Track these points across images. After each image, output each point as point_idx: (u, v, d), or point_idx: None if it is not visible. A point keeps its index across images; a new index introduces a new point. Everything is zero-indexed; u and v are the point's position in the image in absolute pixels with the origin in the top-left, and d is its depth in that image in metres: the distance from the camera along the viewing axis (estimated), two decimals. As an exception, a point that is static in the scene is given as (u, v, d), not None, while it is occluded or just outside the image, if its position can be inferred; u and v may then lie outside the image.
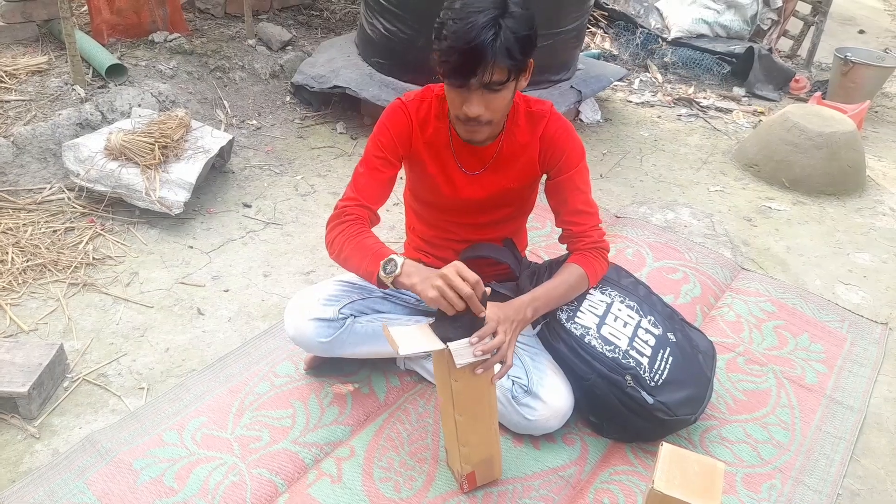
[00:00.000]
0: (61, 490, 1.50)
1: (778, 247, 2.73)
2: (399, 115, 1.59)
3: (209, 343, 2.00)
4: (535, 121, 1.59)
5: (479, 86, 1.37)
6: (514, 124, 1.59)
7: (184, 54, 3.44)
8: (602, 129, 3.70)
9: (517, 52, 1.33)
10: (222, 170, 2.86)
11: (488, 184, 1.63)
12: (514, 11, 1.33)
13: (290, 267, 2.36)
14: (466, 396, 1.40)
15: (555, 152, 1.60)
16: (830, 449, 1.77)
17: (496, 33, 1.30)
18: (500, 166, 1.62)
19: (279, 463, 1.58)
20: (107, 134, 2.55)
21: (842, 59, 4.15)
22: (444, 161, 1.62)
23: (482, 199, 1.65)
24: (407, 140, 1.59)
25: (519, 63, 1.36)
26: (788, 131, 3.20)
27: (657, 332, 1.71)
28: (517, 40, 1.32)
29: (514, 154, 1.61)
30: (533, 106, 1.60)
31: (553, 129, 1.59)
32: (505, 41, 1.30)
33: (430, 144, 1.60)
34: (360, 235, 1.50)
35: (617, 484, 1.61)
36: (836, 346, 2.14)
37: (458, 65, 1.34)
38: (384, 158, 1.59)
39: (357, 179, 1.60)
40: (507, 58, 1.32)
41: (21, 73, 2.98)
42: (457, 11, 1.33)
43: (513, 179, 1.63)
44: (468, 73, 1.34)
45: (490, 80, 1.36)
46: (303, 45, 3.90)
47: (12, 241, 2.29)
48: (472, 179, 1.63)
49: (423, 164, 1.63)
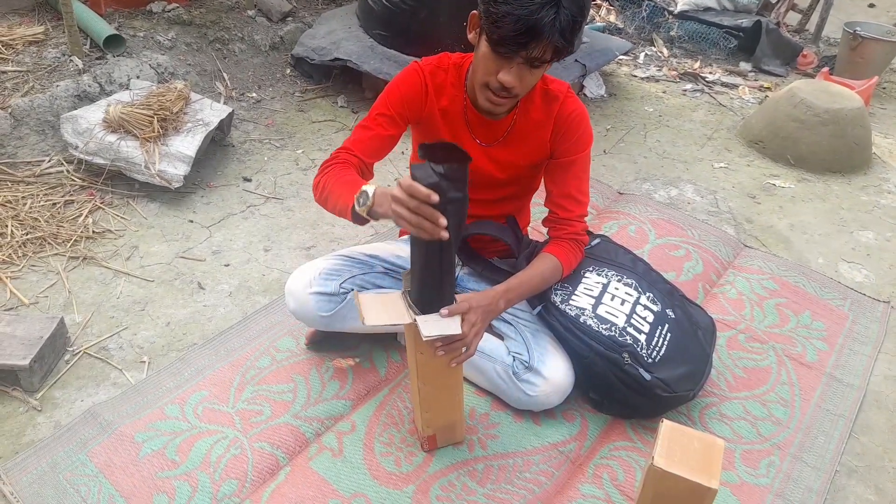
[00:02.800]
0: (64, 462, 1.51)
1: (781, 224, 2.71)
2: (415, 78, 1.56)
3: (210, 317, 2.00)
4: (551, 100, 1.57)
5: (524, 60, 1.35)
6: (528, 101, 1.57)
7: (182, 25, 3.38)
8: (606, 103, 3.66)
9: (570, 34, 1.31)
10: (222, 143, 2.83)
11: (499, 158, 1.62)
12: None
13: (290, 242, 2.36)
14: (431, 368, 1.41)
15: (566, 134, 1.58)
16: (830, 426, 1.77)
17: (557, 12, 1.27)
18: (512, 142, 1.60)
19: (280, 437, 1.59)
20: (105, 106, 2.52)
21: (851, 33, 4.08)
22: (458, 131, 1.60)
23: (492, 172, 1.64)
24: (419, 104, 1.57)
25: (569, 45, 1.33)
26: (795, 107, 3.16)
27: (656, 309, 1.70)
28: (573, 23, 1.30)
29: (527, 131, 1.59)
30: (550, 84, 1.58)
31: (569, 110, 1.57)
32: (563, 22, 1.28)
33: (446, 112, 1.58)
34: (341, 174, 1.44)
35: (616, 459, 1.62)
36: (837, 324, 2.14)
37: (513, 35, 1.30)
38: (390, 117, 1.56)
39: (356, 132, 1.57)
40: (561, 38, 1.30)
41: (18, 43, 2.94)
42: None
43: (523, 156, 1.62)
44: (520, 46, 1.31)
45: (537, 57, 1.33)
46: (303, 17, 3.84)
47: (11, 214, 2.28)
48: (484, 152, 1.61)
49: (438, 132, 1.60)
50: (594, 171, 2.82)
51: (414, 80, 1.56)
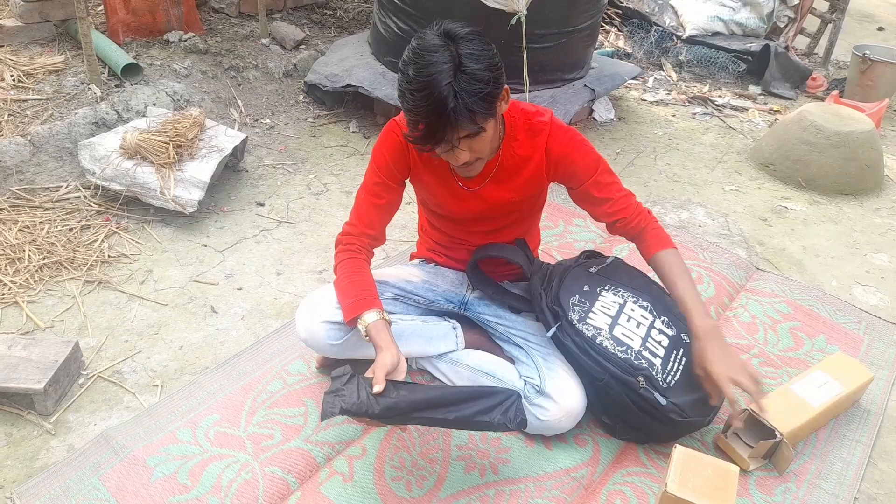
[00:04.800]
0: (76, 486, 1.51)
1: (794, 247, 2.70)
2: (392, 138, 1.59)
3: (222, 341, 2.01)
4: (535, 133, 1.57)
5: (449, 147, 1.37)
6: (512, 139, 1.57)
7: (198, 53, 3.46)
8: (615, 127, 3.68)
9: (479, 109, 1.30)
10: (236, 168, 2.87)
11: (490, 197, 1.63)
12: (468, 67, 1.28)
13: (302, 266, 2.37)
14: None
15: (566, 164, 1.59)
16: (847, 452, 1.74)
17: (454, 100, 1.27)
18: (502, 179, 1.61)
19: (291, 461, 1.59)
20: (122, 133, 2.57)
21: (860, 56, 4.10)
22: (444, 178, 1.63)
23: (486, 210, 1.66)
24: (404, 162, 1.61)
25: (486, 115, 1.33)
26: (805, 130, 3.17)
27: (671, 333, 1.69)
28: (476, 100, 1.29)
29: (516, 167, 1.60)
30: (532, 118, 1.57)
31: (556, 140, 1.57)
32: (463, 105, 1.28)
33: (429, 163, 1.61)
34: (351, 275, 1.58)
35: (629, 486, 1.60)
36: (852, 347, 2.11)
37: (423, 136, 1.34)
38: (383, 184, 1.61)
39: (359, 206, 1.65)
40: (470, 120, 1.31)
41: (38, 72, 3.01)
42: (411, 80, 1.30)
43: (515, 191, 1.63)
44: (437, 141, 1.35)
45: (461, 138, 1.35)
46: (316, 44, 3.91)
47: (29, 239, 2.32)
48: (473, 194, 1.63)
49: (426, 182, 1.65)
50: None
51: (392, 141, 1.59)
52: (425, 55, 1.28)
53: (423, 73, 1.27)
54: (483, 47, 1.31)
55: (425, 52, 1.29)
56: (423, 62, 1.28)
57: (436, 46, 1.28)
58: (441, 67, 1.27)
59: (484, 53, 1.30)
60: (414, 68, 1.29)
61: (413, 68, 1.29)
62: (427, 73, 1.27)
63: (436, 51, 1.28)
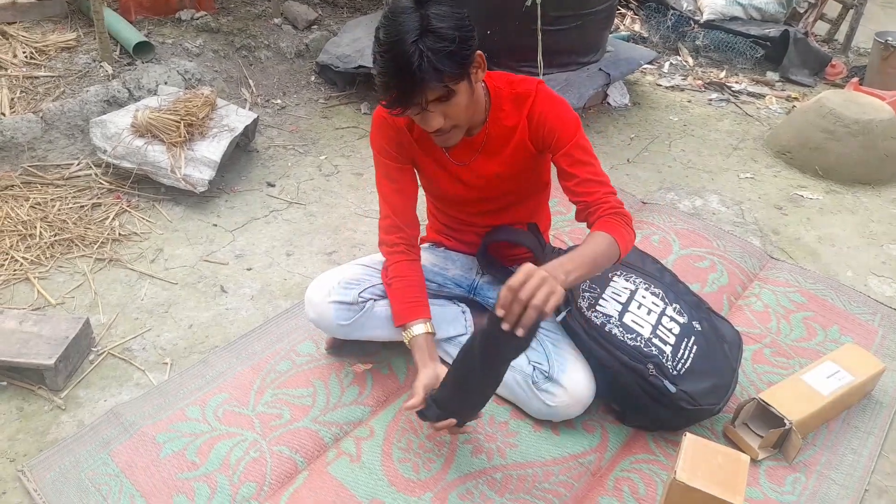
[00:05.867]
0: (86, 461, 1.53)
1: (809, 236, 2.66)
2: (382, 121, 1.59)
3: (232, 320, 2.01)
4: (521, 101, 1.54)
5: (420, 109, 1.36)
6: (498, 109, 1.55)
7: (210, 32, 3.44)
8: (630, 112, 3.63)
9: (446, 68, 1.29)
10: (247, 149, 2.86)
11: (482, 171, 1.61)
12: (435, 27, 1.27)
13: (312, 247, 2.37)
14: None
15: (544, 130, 1.53)
16: (858, 444, 1.73)
17: (419, 59, 1.26)
18: (490, 152, 1.59)
19: (299, 441, 1.59)
20: (133, 111, 2.56)
21: (882, 43, 4.01)
22: (436, 156, 1.62)
23: (481, 186, 1.63)
24: (399, 143, 1.60)
25: (454, 75, 1.32)
26: (823, 118, 3.11)
27: (682, 321, 1.68)
28: (443, 57, 1.28)
29: (504, 138, 1.57)
30: (517, 87, 1.54)
31: (540, 107, 1.53)
32: (428, 64, 1.27)
33: (420, 142, 1.60)
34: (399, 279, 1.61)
35: (637, 472, 1.59)
36: (866, 338, 2.09)
37: (394, 98, 1.34)
38: (391, 167, 1.61)
39: (382, 196, 1.64)
40: (437, 79, 1.30)
41: (50, 49, 3.00)
42: (381, 43, 1.30)
43: (505, 163, 1.60)
44: (406, 104, 1.34)
45: (430, 101, 1.34)
46: (328, 25, 3.87)
47: (40, 216, 2.32)
48: (465, 169, 1.62)
49: (420, 163, 1.64)
50: (617, 179, 2.80)
51: (381, 123, 1.59)
52: (395, 17, 1.29)
53: (391, 35, 1.28)
54: (452, 9, 1.32)
55: (395, 15, 1.30)
56: (392, 24, 1.29)
57: (405, 9, 1.29)
58: (408, 27, 1.27)
59: (452, 15, 1.31)
60: (384, 31, 1.30)
61: (383, 31, 1.30)
62: (395, 34, 1.28)
63: (405, 13, 1.29)
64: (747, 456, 1.42)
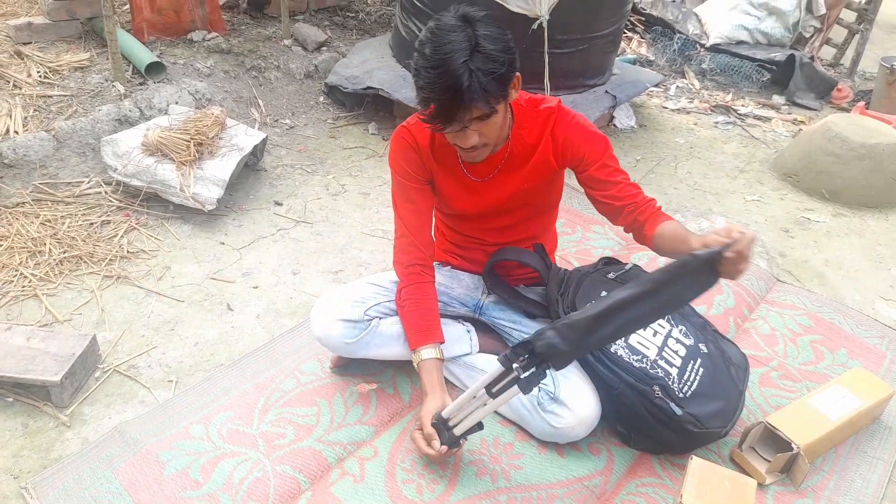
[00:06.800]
0: (89, 478, 1.52)
1: (816, 259, 2.66)
2: (402, 142, 1.61)
3: (237, 339, 2.02)
4: (543, 119, 1.58)
5: (460, 127, 1.38)
6: (520, 127, 1.58)
7: (221, 53, 3.49)
8: (636, 135, 3.65)
9: (493, 90, 1.32)
10: (255, 168, 2.89)
11: (502, 187, 1.63)
12: (484, 47, 1.30)
13: (318, 266, 2.38)
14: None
15: (572, 146, 1.57)
16: (867, 469, 1.70)
17: (469, 79, 1.28)
18: (512, 168, 1.61)
19: (303, 460, 1.59)
20: (144, 130, 2.60)
21: (888, 67, 4.03)
22: (455, 173, 1.63)
23: (499, 202, 1.65)
24: (419, 161, 1.62)
25: (498, 96, 1.35)
26: (830, 141, 3.12)
27: (688, 343, 1.67)
28: (490, 80, 1.31)
29: (525, 155, 1.60)
30: (539, 105, 1.58)
31: (564, 124, 1.57)
32: (478, 84, 1.29)
33: (440, 160, 1.62)
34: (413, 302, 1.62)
35: (643, 496, 1.57)
36: (874, 363, 2.07)
37: (437, 113, 1.35)
38: (409, 187, 1.63)
39: (399, 215, 1.65)
40: (483, 100, 1.32)
41: (64, 68, 3.05)
42: (427, 58, 1.32)
43: (527, 179, 1.62)
44: (449, 120, 1.36)
45: (472, 119, 1.36)
46: (338, 46, 3.92)
47: (50, 233, 2.34)
48: (484, 185, 1.63)
49: (438, 180, 1.65)
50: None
51: (402, 145, 1.61)
52: (443, 35, 1.31)
53: (439, 52, 1.30)
54: (499, 30, 1.34)
55: (443, 32, 1.31)
56: (440, 41, 1.30)
57: (453, 27, 1.31)
58: (458, 47, 1.29)
59: (500, 36, 1.33)
60: (431, 47, 1.31)
61: (430, 47, 1.32)
62: (444, 52, 1.29)
63: (453, 31, 1.31)
64: (754, 480, 1.41)
